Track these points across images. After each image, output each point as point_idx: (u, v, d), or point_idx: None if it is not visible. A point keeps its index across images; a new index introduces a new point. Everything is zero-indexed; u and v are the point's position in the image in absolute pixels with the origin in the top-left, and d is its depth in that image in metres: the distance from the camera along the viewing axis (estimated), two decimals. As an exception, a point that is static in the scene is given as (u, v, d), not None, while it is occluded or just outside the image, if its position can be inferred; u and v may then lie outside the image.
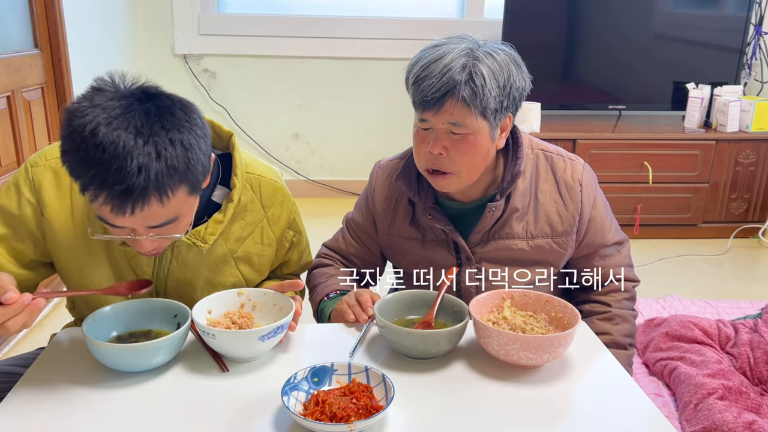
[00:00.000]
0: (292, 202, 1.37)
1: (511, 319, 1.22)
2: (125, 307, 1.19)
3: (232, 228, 1.27)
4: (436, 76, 1.20)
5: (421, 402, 1.06)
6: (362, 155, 4.23)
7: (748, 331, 2.17)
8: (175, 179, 0.99)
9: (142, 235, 1.06)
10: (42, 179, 1.19)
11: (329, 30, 4.00)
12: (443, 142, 1.25)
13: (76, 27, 2.91)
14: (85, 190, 0.99)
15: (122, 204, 0.96)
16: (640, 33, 3.78)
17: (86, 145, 0.93)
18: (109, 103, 0.96)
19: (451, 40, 1.26)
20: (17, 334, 2.42)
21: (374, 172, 1.50)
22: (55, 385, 1.07)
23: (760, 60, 3.89)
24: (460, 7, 4.11)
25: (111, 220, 1.01)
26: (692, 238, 3.66)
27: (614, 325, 1.42)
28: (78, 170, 0.96)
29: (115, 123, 0.94)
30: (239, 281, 1.32)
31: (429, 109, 1.23)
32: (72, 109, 0.96)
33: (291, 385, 1.02)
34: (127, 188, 0.94)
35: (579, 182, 1.39)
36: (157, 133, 0.96)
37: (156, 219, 1.03)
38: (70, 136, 0.95)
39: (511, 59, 1.26)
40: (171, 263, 1.25)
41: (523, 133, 1.39)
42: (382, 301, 1.25)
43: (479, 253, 1.39)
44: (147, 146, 0.95)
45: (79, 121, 0.94)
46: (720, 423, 1.72)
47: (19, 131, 2.51)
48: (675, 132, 3.59)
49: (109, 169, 0.93)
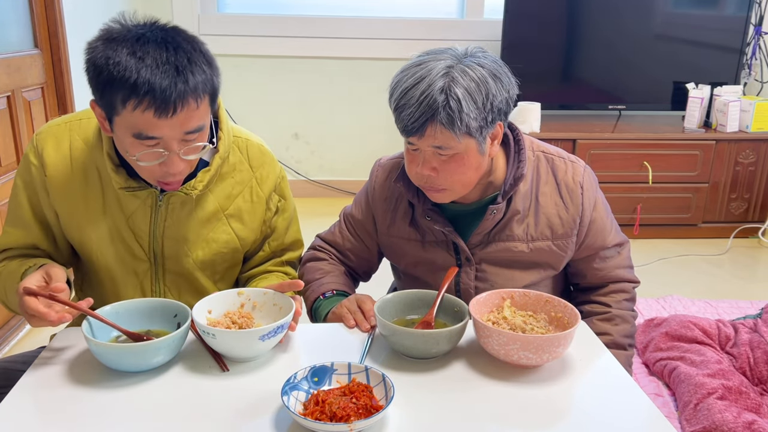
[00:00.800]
0: (279, 167, 1.42)
1: (511, 319, 1.22)
2: (125, 307, 1.19)
3: (222, 186, 1.32)
4: (414, 105, 1.19)
5: (421, 402, 1.06)
6: (362, 155, 4.23)
7: (748, 331, 2.17)
8: (207, 86, 1.12)
9: (174, 150, 1.13)
10: (44, 144, 1.28)
11: (329, 30, 4.00)
12: (432, 164, 1.25)
13: (76, 27, 2.91)
14: (128, 101, 1.06)
15: (166, 104, 1.06)
16: (640, 33, 3.78)
17: (131, 54, 1.06)
18: (135, 30, 1.10)
19: (432, 56, 1.23)
20: (17, 336, 2.42)
21: (374, 170, 1.50)
22: (55, 385, 1.07)
23: (760, 60, 3.89)
24: (460, 7, 4.11)
25: (151, 129, 1.09)
26: (692, 238, 3.66)
27: (614, 325, 1.42)
28: (123, 81, 1.05)
29: (150, 37, 1.09)
30: (232, 238, 1.35)
31: (412, 135, 1.22)
32: (104, 37, 1.10)
33: (291, 384, 1.02)
34: (170, 86, 1.06)
35: (580, 184, 1.38)
36: (184, 48, 1.10)
37: (191, 123, 1.11)
38: (110, 53, 1.06)
39: (489, 72, 1.21)
40: (166, 221, 1.29)
41: (524, 135, 1.39)
42: (382, 301, 1.25)
43: (479, 255, 1.39)
44: (179, 54, 1.08)
45: (114, 44, 1.07)
46: (720, 423, 1.72)
47: (19, 131, 2.52)
48: (675, 132, 3.60)
49: (156, 71, 1.05)
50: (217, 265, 1.37)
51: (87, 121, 1.30)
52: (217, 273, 1.39)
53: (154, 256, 1.32)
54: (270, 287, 1.25)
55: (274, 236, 1.43)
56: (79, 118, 1.31)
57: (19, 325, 2.46)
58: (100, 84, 1.08)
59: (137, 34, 1.08)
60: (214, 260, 1.35)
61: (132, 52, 1.06)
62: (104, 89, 1.08)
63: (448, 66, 1.20)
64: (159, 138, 1.11)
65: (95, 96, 1.13)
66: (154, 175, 1.17)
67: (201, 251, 1.33)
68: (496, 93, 1.21)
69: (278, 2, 4.05)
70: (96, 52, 1.08)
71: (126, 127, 1.11)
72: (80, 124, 1.30)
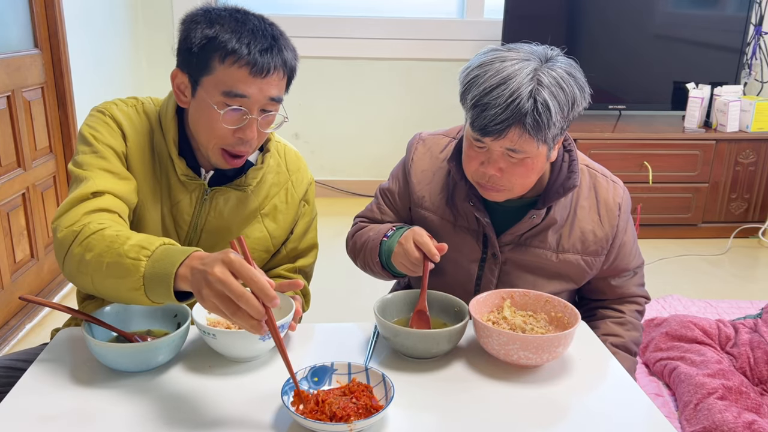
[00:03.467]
0: (311, 174, 1.48)
1: (511, 319, 1.22)
2: (125, 307, 1.19)
3: (261, 186, 1.36)
4: (501, 106, 1.14)
5: (421, 402, 1.06)
6: (362, 155, 4.23)
7: (748, 331, 2.17)
8: (292, 63, 1.23)
9: (254, 114, 1.19)
10: (117, 114, 1.27)
11: (329, 30, 4.00)
12: (499, 164, 1.22)
13: (76, 27, 2.91)
14: (227, 56, 1.14)
15: (261, 64, 1.15)
16: (640, 33, 3.78)
17: (234, 20, 1.17)
18: (231, 8, 1.21)
19: (513, 53, 1.19)
20: (17, 336, 2.42)
21: (414, 143, 1.47)
22: (56, 385, 1.07)
23: (760, 60, 3.89)
24: (460, 7, 4.11)
25: (242, 86, 1.16)
26: (692, 238, 3.66)
27: (626, 330, 1.43)
28: (226, 39, 1.15)
29: (247, 12, 1.21)
30: (265, 236, 1.38)
31: (489, 136, 1.18)
32: (203, 8, 1.20)
33: (291, 384, 1.02)
34: (267, 50, 1.16)
35: (619, 206, 1.38)
36: (276, 27, 1.22)
37: (276, 90, 1.20)
38: (214, 16, 1.17)
39: (576, 84, 1.20)
40: (209, 213, 1.32)
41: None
42: (382, 301, 1.25)
43: (507, 254, 1.37)
44: (274, 29, 1.21)
45: (216, 12, 1.18)
46: (720, 423, 1.72)
47: (19, 131, 2.51)
48: (675, 132, 3.60)
49: (256, 35, 1.16)
50: None
51: (150, 104, 1.32)
52: None
53: (188, 242, 1.34)
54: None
55: (291, 238, 1.44)
56: (142, 101, 1.32)
57: (19, 325, 2.46)
58: (202, 44, 1.16)
59: (235, 9, 1.20)
60: None
61: (235, 19, 1.17)
62: (204, 48, 1.16)
63: (534, 68, 1.17)
64: (246, 97, 1.17)
65: (185, 61, 1.19)
66: (227, 141, 1.21)
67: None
68: (579, 103, 1.21)
69: (278, 2, 4.05)
70: (197, 18, 1.18)
71: (217, 85, 1.17)
72: (144, 106, 1.31)
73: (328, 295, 2.75)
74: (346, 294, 2.80)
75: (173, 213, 1.31)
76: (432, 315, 1.26)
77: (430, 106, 4.13)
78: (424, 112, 4.14)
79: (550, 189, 1.32)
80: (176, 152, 1.26)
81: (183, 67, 1.21)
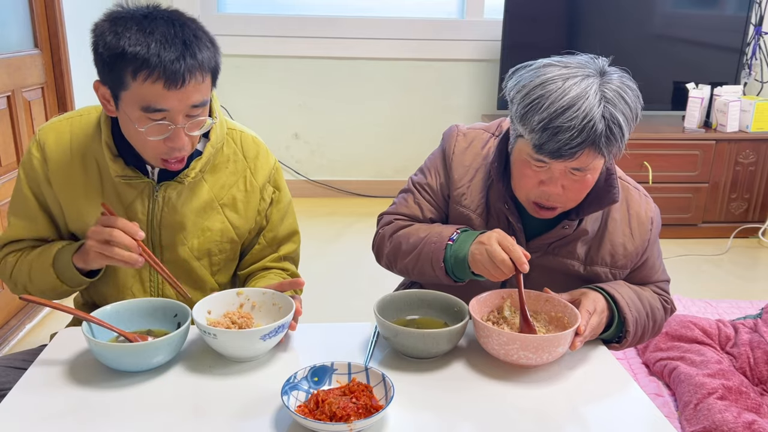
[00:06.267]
0: (274, 159, 1.45)
1: (511, 319, 1.22)
2: (125, 307, 1.20)
3: (216, 177, 1.35)
4: (575, 129, 1.11)
5: (421, 402, 1.06)
6: (362, 155, 4.23)
7: (748, 331, 2.17)
8: (211, 62, 1.17)
9: (180, 124, 1.16)
10: (46, 137, 1.32)
11: (329, 30, 4.00)
12: (562, 182, 1.20)
13: (76, 27, 2.91)
14: (138, 73, 1.10)
15: (175, 76, 1.10)
16: (640, 33, 3.78)
17: (141, 30, 1.11)
18: (140, 11, 1.15)
19: (571, 69, 1.17)
20: (18, 336, 2.42)
21: (453, 135, 1.42)
22: (56, 385, 1.07)
23: (760, 60, 3.89)
24: (460, 7, 4.11)
25: (159, 101, 1.12)
26: (692, 238, 3.66)
27: (642, 289, 1.35)
28: (134, 54, 1.10)
29: (156, 15, 1.14)
30: (226, 227, 1.37)
31: (560, 159, 1.15)
32: (110, 16, 1.15)
33: (291, 384, 1.02)
34: (179, 59, 1.11)
35: (651, 220, 1.36)
36: (189, 25, 1.15)
37: (196, 96, 1.16)
38: (119, 29, 1.12)
39: (634, 94, 1.19)
40: (162, 210, 1.31)
41: None
42: (382, 300, 1.25)
43: (534, 261, 1.30)
44: (185, 31, 1.13)
45: (122, 21, 1.13)
46: (720, 423, 1.72)
47: (19, 131, 2.52)
48: (675, 132, 3.60)
49: (165, 45, 1.10)
50: (213, 255, 1.38)
51: (87, 116, 1.34)
52: (214, 264, 1.40)
53: (151, 245, 1.33)
54: (270, 287, 1.25)
55: (268, 227, 1.43)
56: (80, 114, 1.35)
57: (19, 325, 2.46)
58: (111, 58, 1.12)
59: (143, 13, 1.14)
60: (209, 249, 1.37)
61: (141, 28, 1.11)
62: (114, 63, 1.12)
63: (598, 85, 1.16)
64: (166, 110, 1.14)
65: (101, 74, 1.17)
66: (159, 152, 1.20)
67: (197, 240, 1.35)
68: (639, 111, 1.20)
69: (278, 2, 4.04)
70: (104, 29, 1.13)
71: (134, 101, 1.14)
72: (80, 119, 1.33)
73: (328, 296, 2.75)
74: (346, 294, 2.80)
75: (129, 215, 1.31)
76: (432, 315, 1.27)
77: (430, 106, 4.12)
78: (424, 112, 4.13)
79: (587, 201, 1.28)
80: (110, 155, 1.25)
81: (101, 80, 1.18)
